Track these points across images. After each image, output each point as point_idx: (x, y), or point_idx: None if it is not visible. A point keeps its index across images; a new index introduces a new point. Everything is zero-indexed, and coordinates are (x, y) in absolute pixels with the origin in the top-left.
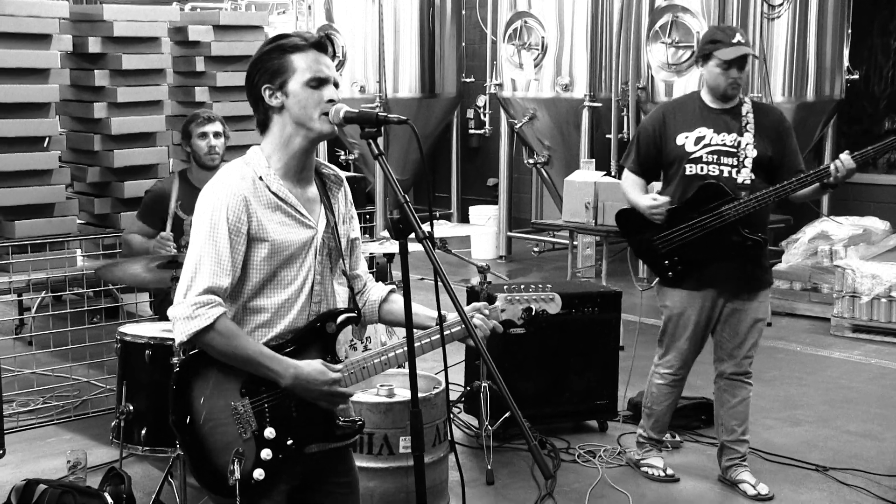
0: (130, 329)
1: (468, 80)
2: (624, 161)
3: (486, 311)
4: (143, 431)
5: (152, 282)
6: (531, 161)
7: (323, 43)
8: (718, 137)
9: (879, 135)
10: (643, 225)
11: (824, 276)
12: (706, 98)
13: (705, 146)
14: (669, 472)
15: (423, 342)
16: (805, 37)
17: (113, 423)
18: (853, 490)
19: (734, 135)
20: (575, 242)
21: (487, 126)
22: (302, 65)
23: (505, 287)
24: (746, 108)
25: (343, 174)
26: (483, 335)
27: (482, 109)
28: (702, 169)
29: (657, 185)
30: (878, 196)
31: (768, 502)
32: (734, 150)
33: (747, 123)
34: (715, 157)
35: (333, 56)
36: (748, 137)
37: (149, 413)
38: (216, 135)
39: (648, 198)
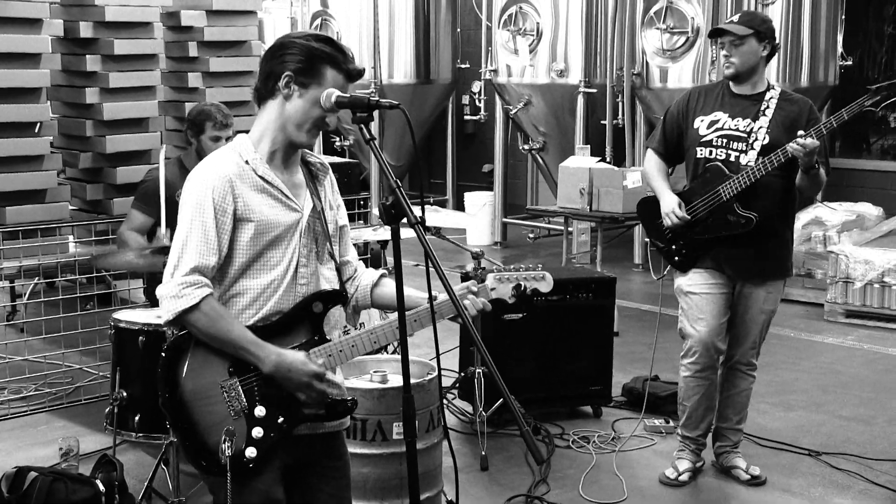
0: (124, 315)
1: (463, 66)
2: (650, 142)
3: (476, 289)
4: (137, 418)
5: (145, 266)
6: (526, 147)
7: (355, 76)
8: (732, 122)
9: (873, 121)
10: (657, 212)
11: (818, 262)
12: (732, 84)
13: (717, 130)
14: (683, 478)
15: (411, 320)
16: (799, 23)
17: (107, 410)
18: (845, 474)
19: (748, 120)
20: (570, 228)
21: (483, 112)
22: (330, 84)
23: (495, 266)
24: (771, 94)
25: (326, 161)
26: (472, 315)
27: (477, 95)
28: (710, 153)
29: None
30: (871, 182)
31: (761, 486)
32: (745, 135)
33: (766, 109)
34: (724, 140)
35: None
36: (762, 122)
37: (143, 399)
38: (228, 139)
39: (674, 201)
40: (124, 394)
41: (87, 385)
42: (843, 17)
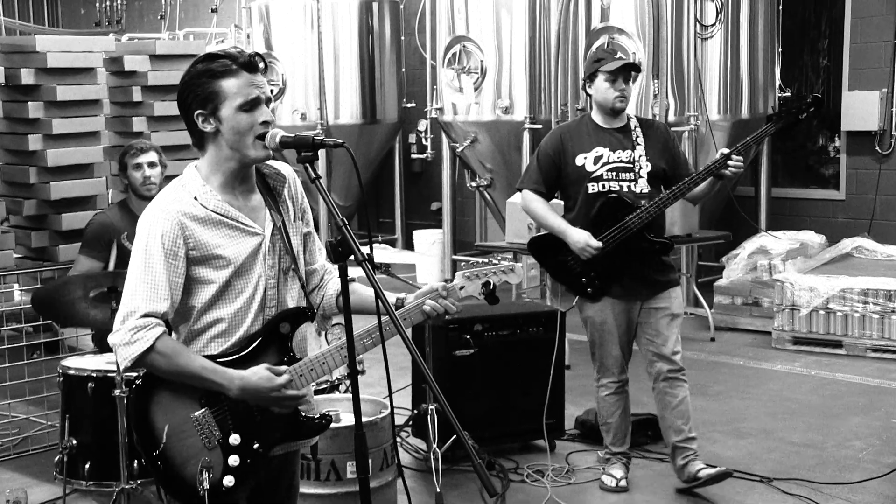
0: (73, 362)
1: (409, 105)
2: (525, 184)
3: (445, 292)
4: (88, 466)
5: (94, 320)
6: (474, 184)
7: (253, 62)
8: (615, 155)
9: (813, 150)
10: (556, 247)
11: (764, 291)
12: (597, 119)
13: (604, 164)
14: (622, 483)
15: (365, 341)
16: (738, 56)
17: (56, 459)
18: (797, 499)
19: (628, 151)
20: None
21: (429, 150)
22: (233, 89)
23: (463, 264)
24: (634, 123)
25: (288, 169)
26: (437, 313)
27: (424, 134)
28: (603, 186)
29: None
30: (814, 210)
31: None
32: (630, 165)
33: (637, 137)
34: (614, 173)
35: (265, 71)
36: (640, 151)
37: (93, 447)
38: (150, 164)
39: (585, 233)
40: (74, 442)
41: (35, 435)
42: (780, 50)
